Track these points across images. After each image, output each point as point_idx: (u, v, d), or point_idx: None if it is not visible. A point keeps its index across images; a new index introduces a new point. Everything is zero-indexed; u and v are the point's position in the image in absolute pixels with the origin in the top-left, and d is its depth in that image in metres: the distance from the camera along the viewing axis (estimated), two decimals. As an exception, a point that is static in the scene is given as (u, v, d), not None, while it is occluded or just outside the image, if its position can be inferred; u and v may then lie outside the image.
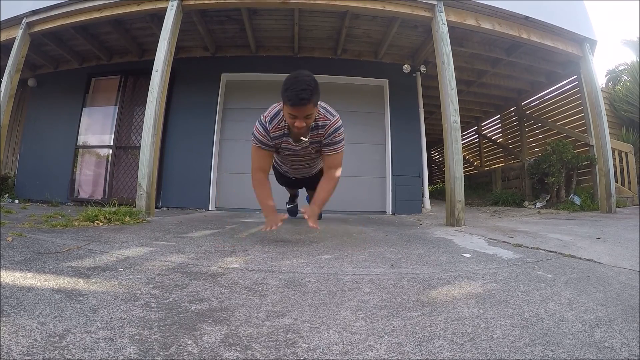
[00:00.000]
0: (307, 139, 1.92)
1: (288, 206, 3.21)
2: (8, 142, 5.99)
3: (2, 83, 3.81)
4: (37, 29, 3.95)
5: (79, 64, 5.22)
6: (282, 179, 2.59)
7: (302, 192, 3.02)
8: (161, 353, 0.66)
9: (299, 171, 2.35)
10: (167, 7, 3.38)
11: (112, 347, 0.67)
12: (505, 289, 1.16)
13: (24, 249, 1.44)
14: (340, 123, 1.90)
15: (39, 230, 1.93)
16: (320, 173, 2.41)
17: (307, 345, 0.73)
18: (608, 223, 2.99)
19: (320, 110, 1.88)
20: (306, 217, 1.80)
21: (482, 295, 1.08)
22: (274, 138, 1.90)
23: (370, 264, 1.49)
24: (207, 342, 0.72)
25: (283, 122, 1.86)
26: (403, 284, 1.20)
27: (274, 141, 1.91)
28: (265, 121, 1.87)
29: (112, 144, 4.83)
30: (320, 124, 1.87)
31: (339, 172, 1.97)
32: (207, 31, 4.47)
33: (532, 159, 5.61)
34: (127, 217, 2.44)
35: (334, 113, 1.92)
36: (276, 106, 1.88)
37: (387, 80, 4.90)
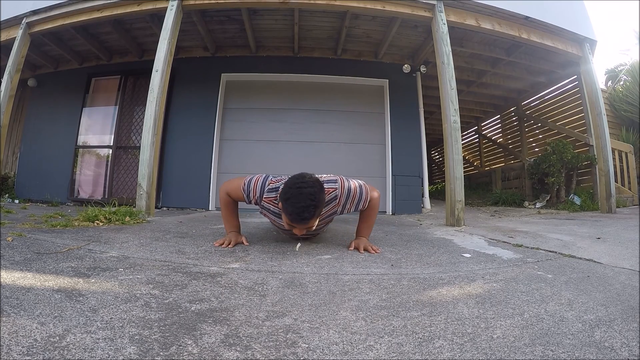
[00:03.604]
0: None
1: None
2: (8, 142, 5.99)
3: (2, 83, 3.81)
4: (37, 29, 3.95)
5: (79, 64, 5.22)
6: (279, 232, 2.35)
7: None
8: (161, 353, 0.66)
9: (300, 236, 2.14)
10: (167, 7, 3.38)
11: (112, 347, 0.67)
12: (505, 289, 1.16)
13: (24, 249, 1.44)
14: (346, 185, 1.69)
15: (39, 230, 1.93)
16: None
17: (307, 345, 0.73)
18: (608, 223, 2.99)
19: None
20: (361, 251, 1.71)
21: (482, 295, 1.08)
22: (263, 207, 1.74)
23: (370, 264, 1.49)
24: (207, 342, 0.72)
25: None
26: (403, 284, 1.20)
27: (261, 209, 1.77)
28: (266, 187, 1.68)
29: (112, 144, 4.83)
30: (331, 197, 1.66)
31: (377, 199, 1.81)
32: (207, 31, 4.47)
33: (532, 159, 5.61)
34: (127, 217, 2.44)
35: (334, 178, 1.72)
36: (282, 180, 1.67)
37: (387, 80, 4.90)
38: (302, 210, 1.41)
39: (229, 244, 1.73)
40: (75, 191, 4.85)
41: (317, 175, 1.61)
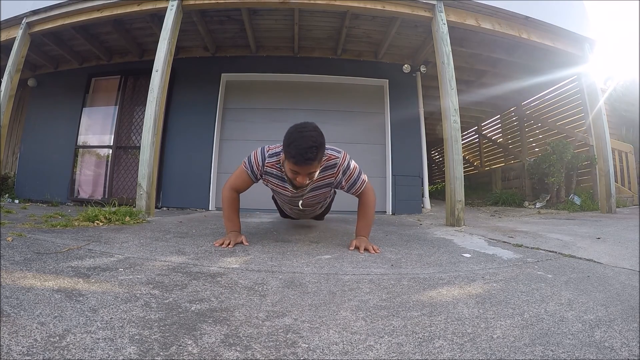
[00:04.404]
0: (308, 186, 1.75)
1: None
2: (8, 142, 5.99)
3: (2, 83, 3.81)
4: (37, 29, 3.95)
5: (79, 64, 5.22)
6: (284, 215, 2.42)
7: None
8: (161, 353, 0.66)
9: (301, 214, 2.21)
10: (167, 7, 3.38)
11: (112, 347, 0.67)
12: (505, 289, 1.16)
13: (24, 249, 1.44)
14: (348, 159, 1.76)
15: (39, 230, 1.93)
16: (326, 208, 2.27)
17: (307, 345, 0.73)
18: (608, 223, 2.99)
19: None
20: (361, 251, 1.70)
21: (482, 295, 1.08)
22: (267, 174, 1.78)
23: (370, 264, 1.49)
24: (207, 342, 0.72)
25: (283, 165, 1.69)
26: (403, 284, 1.20)
27: (264, 176, 1.80)
28: (266, 153, 1.75)
29: (112, 144, 4.83)
30: (330, 164, 1.71)
31: (372, 195, 1.85)
32: (207, 31, 4.47)
33: (532, 159, 5.61)
34: (127, 217, 2.44)
35: (338, 149, 1.76)
36: (280, 146, 1.71)
37: (387, 80, 4.90)
38: (305, 150, 1.45)
39: (229, 244, 1.73)
40: (75, 191, 4.85)
41: None
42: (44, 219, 2.42)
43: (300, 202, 1.88)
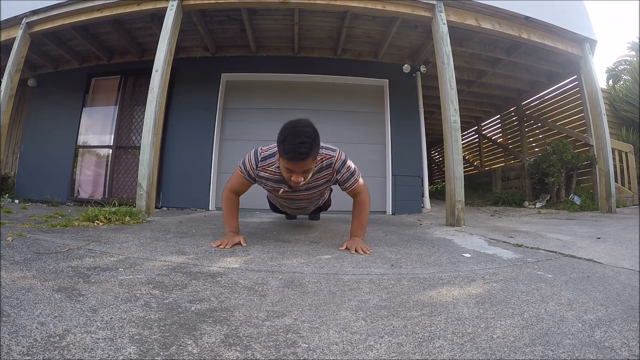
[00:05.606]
0: (303, 185, 1.73)
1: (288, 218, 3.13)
2: (8, 142, 5.99)
3: (2, 83, 3.81)
4: (37, 29, 3.95)
5: (79, 64, 5.22)
6: (277, 211, 2.41)
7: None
8: (161, 353, 0.66)
9: (299, 210, 2.23)
10: (167, 7, 3.38)
11: (112, 347, 0.67)
12: (505, 289, 1.16)
13: (24, 249, 1.44)
14: (344, 156, 1.75)
15: (39, 230, 1.93)
16: (324, 204, 2.27)
17: (307, 345, 0.73)
18: (608, 223, 2.99)
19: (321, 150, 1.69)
20: (352, 252, 1.67)
21: (482, 295, 1.08)
22: (260, 177, 1.75)
23: (370, 264, 1.49)
24: (207, 342, 0.72)
25: (277, 166, 1.68)
26: (403, 284, 1.20)
27: (259, 179, 1.77)
28: (259, 156, 1.72)
29: (112, 144, 4.83)
30: (325, 164, 1.71)
31: (366, 195, 1.85)
32: (207, 31, 4.47)
33: (532, 159, 5.61)
34: (127, 217, 2.44)
35: (333, 147, 1.75)
36: (275, 146, 1.65)
37: (387, 80, 4.90)
38: (299, 145, 1.44)
39: (226, 245, 1.72)
40: (75, 191, 4.85)
41: None
42: (44, 219, 2.42)
43: (293, 197, 1.88)
